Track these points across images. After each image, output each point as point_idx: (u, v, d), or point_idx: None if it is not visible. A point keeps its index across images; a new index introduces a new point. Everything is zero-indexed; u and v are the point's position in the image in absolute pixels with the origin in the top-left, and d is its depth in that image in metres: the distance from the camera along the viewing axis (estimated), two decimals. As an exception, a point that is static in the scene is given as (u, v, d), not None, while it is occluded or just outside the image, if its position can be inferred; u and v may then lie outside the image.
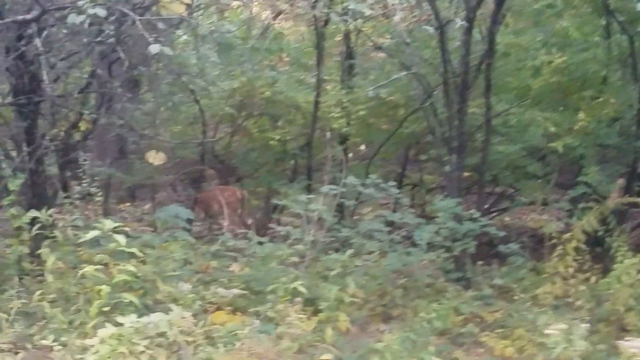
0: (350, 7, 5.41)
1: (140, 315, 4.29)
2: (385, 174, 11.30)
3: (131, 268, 4.74)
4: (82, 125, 9.30)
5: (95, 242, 5.54)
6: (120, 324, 4.17)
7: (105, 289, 4.66)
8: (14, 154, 8.86)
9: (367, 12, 5.45)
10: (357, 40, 11.34)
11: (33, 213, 5.87)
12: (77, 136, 10.41)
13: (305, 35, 13.18)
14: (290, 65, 11.32)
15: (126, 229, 5.32)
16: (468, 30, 8.21)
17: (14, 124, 9.14)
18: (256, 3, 13.03)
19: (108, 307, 4.66)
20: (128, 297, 4.48)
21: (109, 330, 4.16)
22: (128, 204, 13.38)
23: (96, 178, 10.55)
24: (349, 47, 11.24)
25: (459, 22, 7.40)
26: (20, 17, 5.81)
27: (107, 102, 8.91)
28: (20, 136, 8.51)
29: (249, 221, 10.26)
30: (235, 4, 11.67)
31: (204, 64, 8.96)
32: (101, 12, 4.68)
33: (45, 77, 6.11)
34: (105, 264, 5.14)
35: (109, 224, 5.00)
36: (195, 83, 9.35)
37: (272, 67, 10.87)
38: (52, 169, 9.07)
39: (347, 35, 11.10)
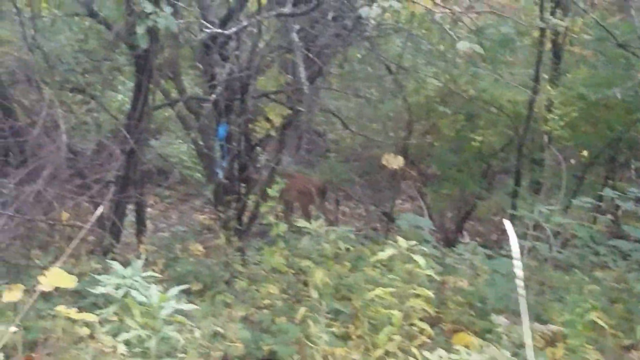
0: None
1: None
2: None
3: (428, 293, 4.22)
4: (277, 121, 8.99)
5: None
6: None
7: (397, 315, 4.17)
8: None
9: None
10: (564, 37, 10.47)
11: (302, 223, 5.46)
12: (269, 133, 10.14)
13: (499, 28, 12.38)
14: (490, 62, 10.56)
15: (423, 248, 4.81)
16: None
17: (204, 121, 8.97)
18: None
19: (398, 336, 4.16)
20: (422, 325, 3.94)
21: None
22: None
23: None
24: (557, 44, 10.40)
25: None
26: (287, 10, 5.41)
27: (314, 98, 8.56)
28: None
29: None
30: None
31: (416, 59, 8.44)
32: (396, 4, 4.21)
33: (302, 73, 5.70)
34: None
35: (403, 242, 4.53)
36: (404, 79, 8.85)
37: (472, 62, 10.16)
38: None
39: (555, 31, 10.24)
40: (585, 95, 9.48)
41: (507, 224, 2.26)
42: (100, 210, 8.39)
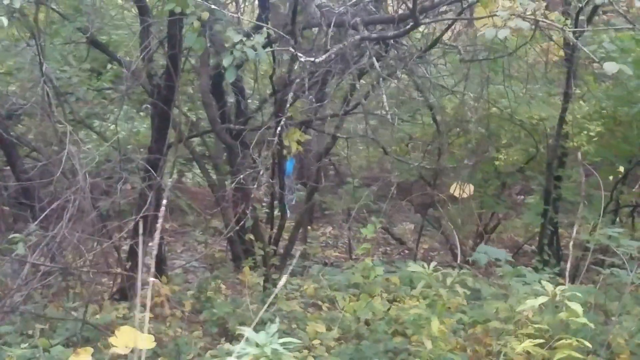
0: None
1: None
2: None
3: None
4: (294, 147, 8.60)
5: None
6: None
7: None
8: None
9: None
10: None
11: (414, 268, 4.97)
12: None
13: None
14: (509, 78, 10.20)
15: (577, 293, 4.41)
16: None
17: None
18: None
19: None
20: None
21: None
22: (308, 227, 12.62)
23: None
24: (571, 56, 10.14)
25: None
26: (374, 35, 4.98)
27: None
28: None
29: None
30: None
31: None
32: (525, 24, 3.88)
33: (385, 100, 5.30)
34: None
35: (558, 290, 4.14)
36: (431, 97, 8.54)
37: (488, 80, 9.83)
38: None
39: (567, 43, 9.98)
40: (607, 109, 9.26)
41: None
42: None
